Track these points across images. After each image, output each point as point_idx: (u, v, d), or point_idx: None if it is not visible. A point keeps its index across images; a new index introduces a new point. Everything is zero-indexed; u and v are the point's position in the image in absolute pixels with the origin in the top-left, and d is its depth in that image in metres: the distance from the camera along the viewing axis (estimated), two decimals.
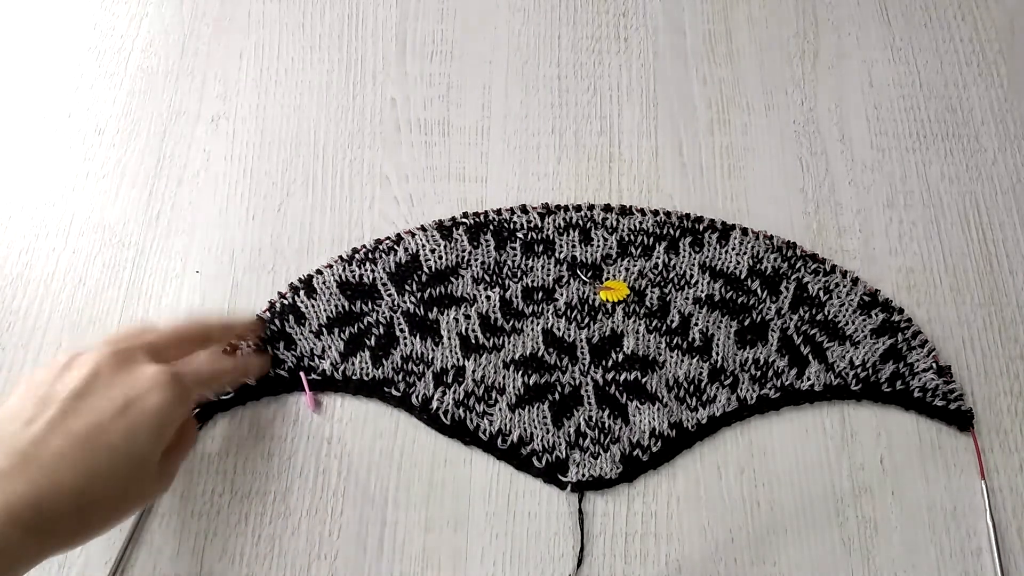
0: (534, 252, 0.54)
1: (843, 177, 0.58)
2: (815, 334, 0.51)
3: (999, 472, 0.48)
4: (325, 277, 0.53)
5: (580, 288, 0.52)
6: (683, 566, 0.46)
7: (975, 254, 0.55)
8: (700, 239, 0.54)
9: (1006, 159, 0.59)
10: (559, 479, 0.47)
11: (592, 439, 0.48)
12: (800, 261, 0.53)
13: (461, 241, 0.54)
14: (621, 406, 0.49)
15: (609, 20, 0.64)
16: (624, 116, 0.60)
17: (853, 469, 0.48)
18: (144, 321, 0.51)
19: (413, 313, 0.51)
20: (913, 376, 0.50)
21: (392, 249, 0.54)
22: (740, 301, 0.52)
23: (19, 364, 0.51)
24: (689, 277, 0.53)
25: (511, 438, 0.48)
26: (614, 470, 0.47)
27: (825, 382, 0.50)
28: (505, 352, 0.50)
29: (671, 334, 0.51)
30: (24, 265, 0.54)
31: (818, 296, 0.52)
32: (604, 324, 0.51)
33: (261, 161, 0.58)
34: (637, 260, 0.53)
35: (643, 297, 0.52)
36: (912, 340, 0.51)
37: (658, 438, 0.48)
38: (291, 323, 0.51)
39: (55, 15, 0.64)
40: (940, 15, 0.65)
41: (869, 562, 0.46)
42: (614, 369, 0.50)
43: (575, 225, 0.54)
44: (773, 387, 0.50)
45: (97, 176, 0.57)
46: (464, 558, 0.46)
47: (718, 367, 0.50)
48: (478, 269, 0.53)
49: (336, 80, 0.61)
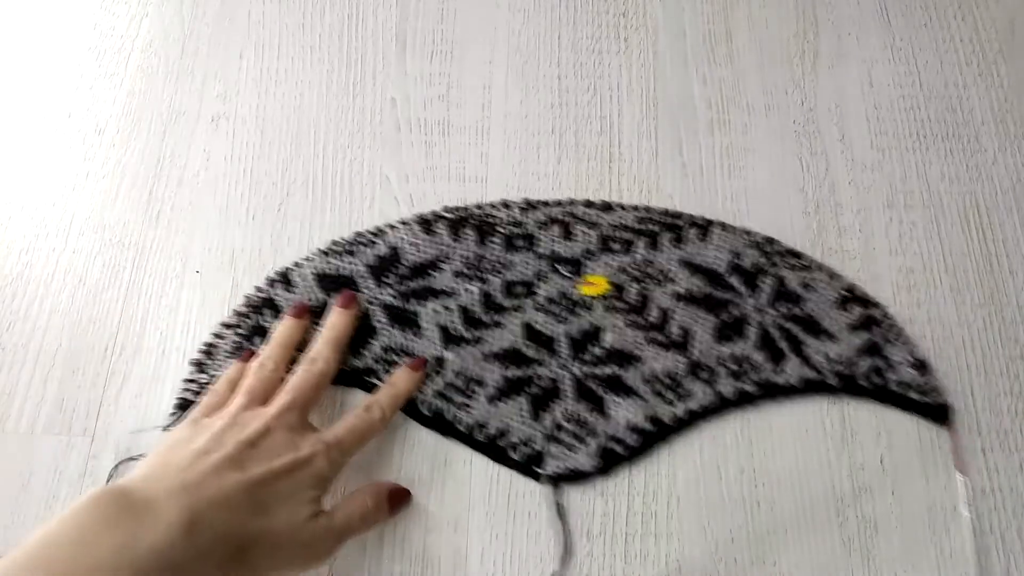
0: (515, 247, 0.54)
1: (843, 177, 0.58)
2: (793, 329, 0.51)
3: (999, 472, 0.48)
4: (303, 270, 0.53)
5: (560, 283, 0.53)
6: (683, 566, 0.46)
7: (975, 254, 0.55)
8: (680, 235, 0.54)
9: (1006, 159, 0.59)
10: (535, 472, 0.48)
11: (570, 432, 0.48)
12: (779, 257, 0.54)
13: (442, 235, 0.54)
14: (599, 400, 0.49)
15: (609, 20, 0.64)
16: (624, 116, 0.60)
17: (853, 469, 0.48)
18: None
19: (391, 305, 0.52)
20: (891, 370, 0.50)
21: (372, 242, 0.54)
22: (719, 297, 0.52)
23: (19, 364, 0.51)
24: (669, 272, 0.53)
25: (489, 430, 0.48)
26: (591, 463, 0.48)
27: (803, 376, 0.50)
28: (485, 345, 0.51)
29: (650, 329, 0.51)
30: (24, 265, 0.54)
31: (797, 291, 0.53)
32: (584, 319, 0.52)
33: (261, 161, 0.58)
34: (618, 255, 0.54)
35: (623, 292, 0.52)
36: (890, 334, 0.51)
37: (636, 432, 0.48)
38: (268, 317, 0.51)
39: (55, 15, 0.64)
40: (940, 15, 0.65)
41: (869, 562, 0.46)
42: (593, 363, 0.50)
43: (556, 220, 0.55)
44: (751, 382, 0.50)
45: (97, 176, 0.57)
46: (464, 558, 0.46)
47: (696, 362, 0.50)
48: (459, 263, 0.53)
49: (336, 80, 0.61)
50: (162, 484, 0.38)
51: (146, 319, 0.52)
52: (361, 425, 0.45)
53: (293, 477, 0.41)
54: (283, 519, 0.40)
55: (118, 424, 0.49)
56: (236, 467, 0.40)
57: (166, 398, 0.50)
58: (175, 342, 0.52)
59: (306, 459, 0.42)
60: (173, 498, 0.37)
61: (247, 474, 0.40)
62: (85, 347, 0.51)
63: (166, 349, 0.51)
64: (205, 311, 0.52)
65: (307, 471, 0.41)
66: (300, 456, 0.41)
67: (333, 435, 0.44)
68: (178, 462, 0.40)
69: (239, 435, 0.41)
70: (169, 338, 0.52)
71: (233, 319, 0.52)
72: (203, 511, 0.37)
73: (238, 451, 0.40)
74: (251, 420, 0.43)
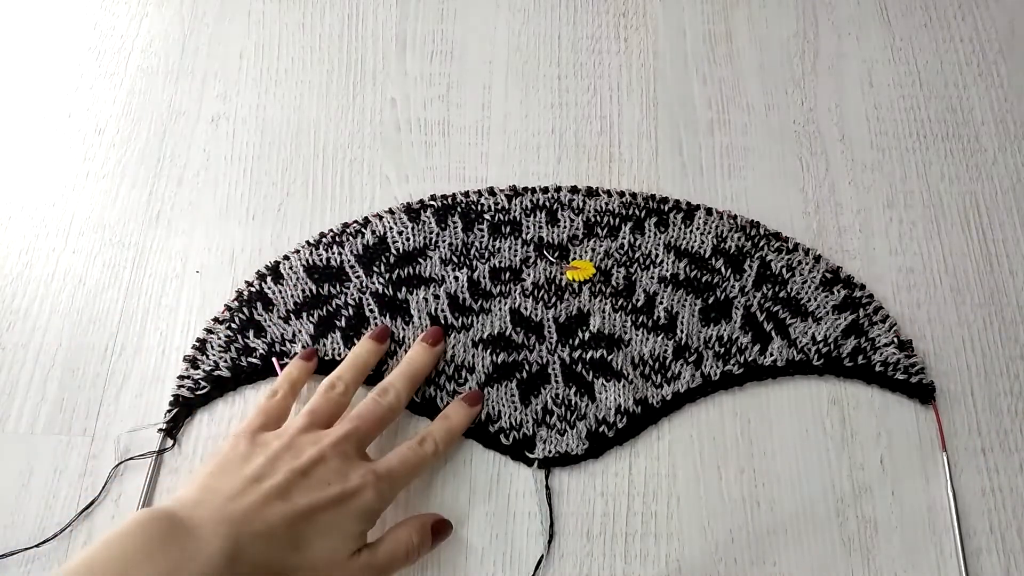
0: (501, 233, 0.54)
1: (843, 177, 0.58)
2: (778, 311, 0.52)
3: (999, 472, 0.48)
4: (292, 262, 0.53)
5: (547, 268, 0.53)
6: (683, 566, 0.46)
7: (975, 254, 0.55)
8: (665, 219, 0.55)
9: (1006, 159, 0.59)
10: (526, 455, 0.48)
11: (559, 416, 0.49)
12: (763, 240, 0.54)
13: (429, 223, 0.54)
14: (587, 384, 0.50)
15: (609, 20, 0.64)
16: (624, 116, 0.60)
17: (853, 469, 0.48)
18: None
19: (382, 294, 0.52)
20: (875, 351, 0.51)
21: (359, 232, 0.54)
22: (704, 280, 0.53)
23: (19, 364, 0.51)
24: (654, 256, 0.54)
25: (479, 416, 0.49)
26: (580, 446, 0.48)
27: (788, 358, 0.50)
28: (474, 331, 0.51)
29: (636, 312, 0.52)
30: (24, 265, 0.54)
31: (781, 274, 0.53)
32: (571, 303, 0.52)
33: (261, 161, 0.58)
34: (603, 240, 0.54)
35: (609, 276, 0.53)
36: (874, 316, 0.52)
37: (624, 414, 0.49)
38: (259, 310, 0.51)
39: (55, 15, 0.64)
40: (940, 15, 0.65)
41: (869, 562, 0.46)
42: (580, 347, 0.51)
43: (542, 206, 0.55)
44: (736, 363, 0.50)
45: (97, 176, 0.57)
46: (464, 558, 0.46)
47: (683, 344, 0.51)
48: (446, 250, 0.54)
49: (336, 80, 0.61)
50: (208, 512, 0.38)
51: (146, 319, 0.52)
52: (413, 458, 0.44)
53: (339, 510, 0.40)
54: (324, 554, 0.39)
55: (118, 424, 0.49)
56: (283, 497, 0.39)
57: (166, 398, 0.50)
58: (175, 342, 0.52)
59: (354, 491, 0.41)
60: (218, 527, 0.37)
61: (292, 505, 0.39)
62: (85, 347, 0.51)
63: (166, 349, 0.51)
64: (205, 311, 0.52)
65: (354, 503, 0.40)
66: (348, 488, 0.41)
67: (385, 467, 0.43)
68: (229, 490, 0.39)
69: (293, 462, 0.41)
70: (169, 338, 0.52)
71: (224, 314, 0.52)
72: (246, 544, 0.37)
73: (288, 480, 0.40)
74: (308, 446, 0.42)
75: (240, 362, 0.50)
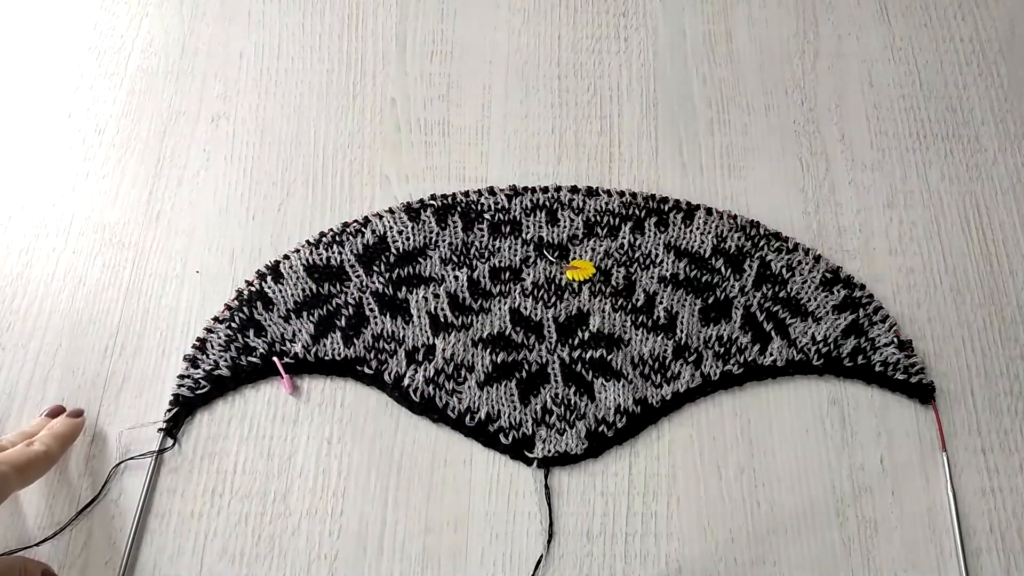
0: (501, 233, 0.54)
1: (843, 177, 0.58)
2: (778, 311, 0.52)
3: (999, 472, 0.48)
4: (292, 262, 0.53)
5: (547, 268, 0.53)
6: (683, 566, 0.46)
7: (975, 254, 0.55)
8: (665, 219, 0.55)
9: (1006, 159, 0.59)
10: (525, 455, 0.48)
11: (558, 416, 0.49)
12: (763, 240, 0.54)
13: (429, 223, 0.54)
14: (587, 383, 0.50)
15: (609, 20, 0.64)
16: (624, 116, 0.60)
17: (853, 469, 0.48)
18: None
19: (382, 293, 0.52)
20: (874, 351, 0.51)
21: (360, 231, 0.54)
22: (704, 279, 0.53)
23: (19, 364, 0.51)
24: (654, 256, 0.54)
25: (479, 415, 0.49)
26: (579, 446, 0.48)
27: (788, 358, 0.50)
28: (473, 331, 0.51)
29: (636, 312, 0.52)
30: (24, 265, 0.54)
31: (781, 274, 0.53)
32: (570, 303, 0.52)
33: (261, 161, 0.58)
34: (603, 240, 0.54)
35: (609, 276, 0.53)
36: (874, 315, 0.52)
37: (623, 414, 0.49)
38: (260, 310, 0.51)
39: (55, 15, 0.64)
40: (940, 15, 0.65)
41: (869, 562, 0.46)
42: (580, 347, 0.51)
43: (542, 206, 0.55)
44: (736, 363, 0.50)
45: (97, 176, 0.57)
46: (464, 558, 0.46)
47: (682, 344, 0.51)
48: (446, 250, 0.54)
49: (336, 80, 0.61)
50: None
51: (146, 319, 0.52)
52: (19, 455, 0.44)
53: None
54: None
55: (118, 424, 0.49)
56: None
57: (166, 398, 0.50)
58: (175, 342, 0.52)
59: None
60: None
61: None
62: (85, 347, 0.51)
63: (166, 349, 0.51)
64: (205, 311, 0.52)
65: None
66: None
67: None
68: None
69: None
70: (169, 338, 0.52)
71: (224, 314, 0.52)
72: None
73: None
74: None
75: (240, 361, 0.50)
